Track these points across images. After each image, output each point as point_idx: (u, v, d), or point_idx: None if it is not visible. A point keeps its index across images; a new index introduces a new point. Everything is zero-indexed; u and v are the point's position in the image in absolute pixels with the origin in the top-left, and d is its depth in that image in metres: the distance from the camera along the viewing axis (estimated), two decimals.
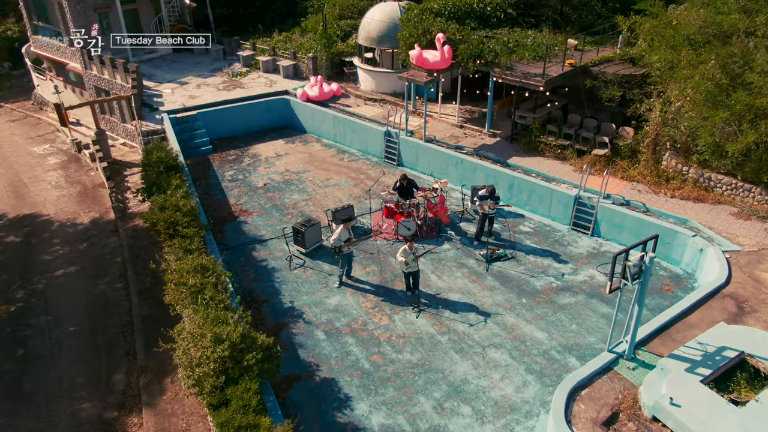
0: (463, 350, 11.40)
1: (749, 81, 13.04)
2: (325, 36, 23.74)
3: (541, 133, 17.73)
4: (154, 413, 10.24)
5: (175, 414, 10.18)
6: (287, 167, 19.27)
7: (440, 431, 9.70)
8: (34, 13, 28.09)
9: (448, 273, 13.75)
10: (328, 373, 10.92)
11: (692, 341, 9.98)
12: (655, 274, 13.56)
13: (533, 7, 22.30)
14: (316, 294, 13.13)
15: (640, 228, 14.06)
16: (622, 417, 8.98)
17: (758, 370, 9.41)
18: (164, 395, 10.64)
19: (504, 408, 10.11)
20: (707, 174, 14.94)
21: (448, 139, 18.64)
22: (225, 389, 8.29)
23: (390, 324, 12.16)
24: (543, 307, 12.54)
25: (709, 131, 13.60)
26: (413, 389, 10.52)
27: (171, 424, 9.98)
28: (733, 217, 14.05)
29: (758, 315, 10.87)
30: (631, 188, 15.48)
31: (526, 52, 17.82)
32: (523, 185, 16.07)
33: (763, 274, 11.99)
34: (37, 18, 28.03)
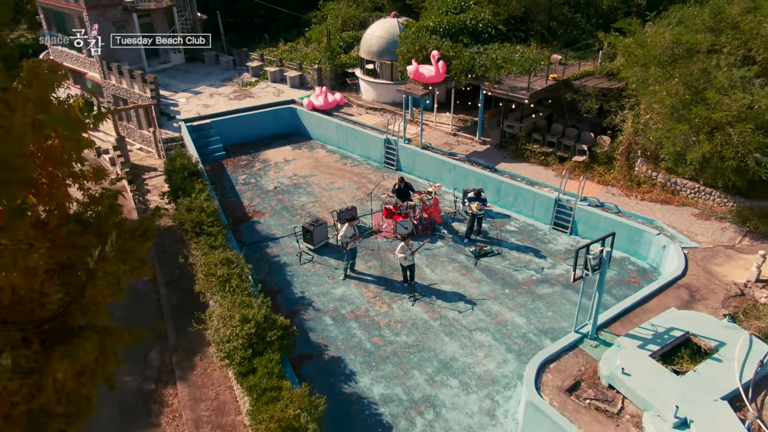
0: (453, 333, 13.12)
1: (707, 97, 14.75)
2: (329, 49, 25.48)
3: (526, 141, 19.46)
4: (187, 385, 11.96)
5: (205, 386, 11.90)
6: (295, 172, 20.99)
7: (432, 400, 11.42)
8: (53, 24, 29.79)
9: (441, 267, 15.48)
10: (335, 353, 12.64)
11: (646, 323, 11.71)
12: (624, 268, 15.31)
13: (522, 22, 24.02)
14: (323, 285, 14.86)
15: (612, 227, 15.71)
16: (583, 385, 10.69)
17: (700, 347, 11.13)
18: (194, 371, 12.36)
19: (486, 381, 11.84)
20: (673, 179, 16.67)
21: (443, 146, 20.38)
22: (252, 360, 10.01)
23: (389, 311, 13.89)
24: (523, 297, 14.26)
25: (671, 141, 15.33)
26: (409, 365, 12.24)
27: (202, 393, 11.70)
28: (695, 217, 15.78)
29: (707, 302, 12.59)
30: (606, 192, 17.21)
31: (513, 67, 19.55)
32: (509, 189, 17.79)
33: (715, 267, 13.72)
34: (57, 29, 29.72)
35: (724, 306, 12.42)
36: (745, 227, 15.10)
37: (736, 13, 15.94)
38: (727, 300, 12.63)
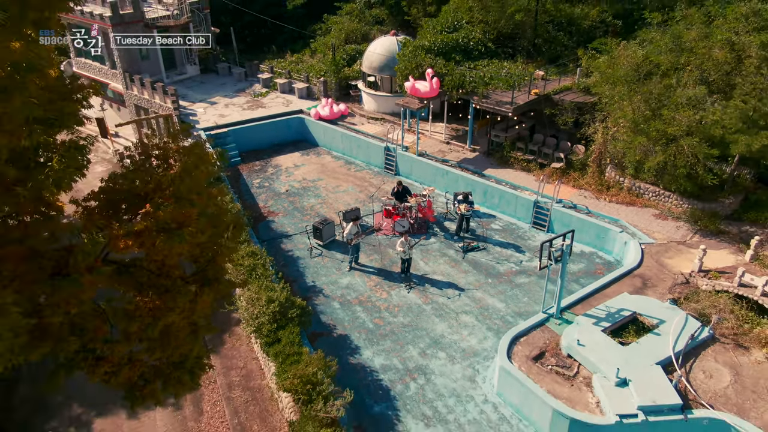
0: (442, 315, 15.47)
1: (663, 114, 17.07)
2: (334, 63, 27.81)
3: (511, 149, 21.80)
4: (219, 357, 14.29)
5: (234, 357, 14.24)
6: (304, 176, 23.33)
7: (423, 369, 13.77)
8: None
9: (433, 260, 17.83)
10: (343, 331, 14.98)
11: (601, 305, 14.06)
12: (592, 261, 17.65)
13: (510, 39, 26.31)
14: (331, 275, 17.21)
15: (583, 225, 18.12)
16: (547, 354, 13.04)
17: (644, 324, 13.48)
18: (225, 345, 14.69)
19: (469, 353, 14.18)
20: (638, 184, 19.01)
21: (437, 153, 22.72)
22: (276, 332, 12.36)
23: (388, 297, 16.23)
24: (503, 285, 16.60)
25: (633, 151, 17.66)
26: (404, 341, 14.59)
27: (232, 363, 14.05)
28: (654, 217, 18.12)
29: (656, 289, 14.93)
30: (579, 195, 19.55)
31: (500, 83, 21.87)
32: (494, 192, 20.13)
33: (666, 260, 16.05)
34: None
35: (670, 292, 14.77)
36: (696, 226, 17.43)
37: (692, 38, 18.27)
38: (674, 287, 14.98)
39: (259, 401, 12.88)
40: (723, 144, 16.33)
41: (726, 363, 12.50)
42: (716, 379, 12.11)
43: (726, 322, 13.39)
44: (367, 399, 12.94)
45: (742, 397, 11.70)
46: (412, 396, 13.05)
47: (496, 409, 12.75)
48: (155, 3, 32.23)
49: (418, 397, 13.02)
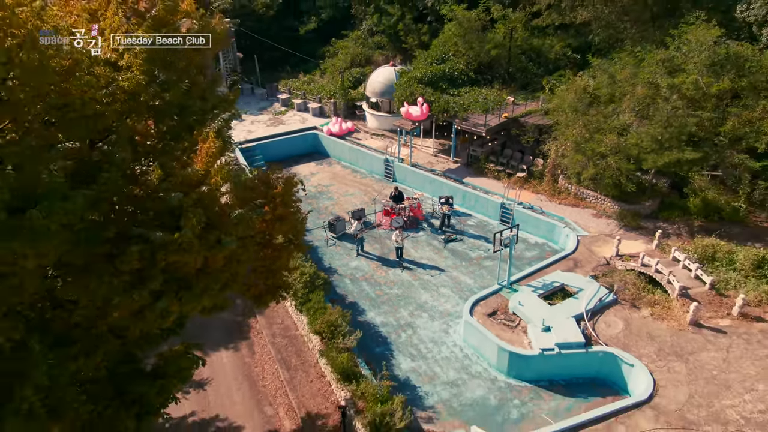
0: (426, 288, 20.82)
1: (596, 138, 22.39)
2: (342, 88, 33.20)
3: (485, 161, 27.15)
4: (263, 317, 19.65)
5: (274, 316, 19.60)
6: (319, 182, 28.69)
7: (411, 324, 19.11)
8: None
9: (421, 248, 23.19)
10: (352, 299, 20.32)
11: (540, 279, 19.42)
12: (543, 250, 22.98)
13: (489, 68, 31.67)
14: (343, 260, 22.56)
15: (537, 222, 23.45)
16: (498, 312, 18.37)
17: (568, 291, 18.83)
18: (267, 309, 20.03)
19: (444, 314, 19.53)
20: (581, 189, 24.35)
21: (426, 164, 28.09)
22: (308, 295, 17.73)
23: (386, 275, 21.59)
24: (473, 267, 21.95)
25: (574, 165, 23.00)
26: (397, 306, 19.94)
27: (273, 320, 19.41)
28: (592, 216, 23.47)
29: (583, 268, 20.26)
30: (537, 198, 24.89)
31: (477, 108, 27.20)
32: (470, 196, 25.48)
33: (595, 247, 21.39)
34: None
35: (593, 270, 20.11)
36: (622, 222, 22.75)
37: (624, 77, 23.59)
38: (596, 267, 20.32)
39: (294, 344, 18.27)
40: (639, 160, 21.67)
41: (621, 317, 17.86)
42: (612, 327, 17.48)
43: (627, 290, 18.76)
44: (371, 343, 18.29)
45: (628, 339, 17.05)
46: (403, 342, 18.40)
47: (461, 350, 18.10)
48: None
49: (407, 342, 18.38)
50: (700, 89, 21.24)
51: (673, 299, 18.26)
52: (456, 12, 30.13)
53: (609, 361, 16.56)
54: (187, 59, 8.91)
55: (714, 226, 21.89)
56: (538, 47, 31.49)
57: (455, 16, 30.19)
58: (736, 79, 21.24)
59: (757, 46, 23.05)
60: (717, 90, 20.95)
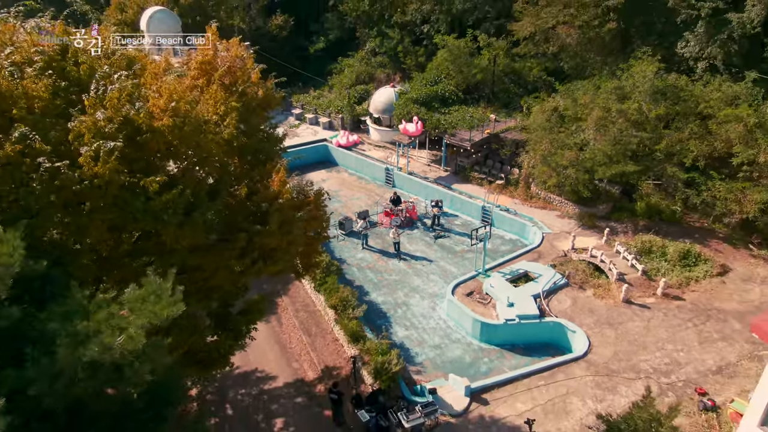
0: (418, 275, 25.73)
1: (559, 152, 27.24)
2: (349, 105, 38.12)
3: (471, 170, 32.04)
4: (287, 296, 24.56)
5: (296, 295, 24.51)
6: (329, 188, 33.41)
7: (406, 303, 24.01)
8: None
9: (415, 243, 28.09)
10: (359, 283, 25.21)
11: (508, 267, 24.33)
12: (515, 244, 27.85)
13: (476, 88, 36.56)
14: (351, 252, 27.47)
15: (512, 222, 28.35)
16: (474, 293, 23.27)
17: (530, 277, 23.73)
18: (290, 290, 24.96)
19: (432, 295, 24.43)
20: (550, 195, 29.22)
21: (420, 172, 32.99)
22: (324, 278, 22.66)
23: (386, 265, 26.51)
24: (458, 259, 26.85)
25: (541, 175, 27.89)
26: (395, 289, 24.85)
27: (295, 299, 24.33)
28: (557, 217, 28.35)
29: (545, 259, 25.14)
30: (512, 202, 29.78)
31: (463, 125, 32.08)
32: (457, 199, 30.38)
33: (556, 243, 26.27)
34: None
35: (552, 260, 24.98)
36: (581, 222, 27.62)
37: (584, 101, 28.43)
38: (556, 258, 25.20)
39: (313, 317, 23.20)
40: (592, 171, 26.53)
41: (570, 296, 22.75)
42: (562, 303, 22.37)
43: (577, 276, 23.63)
44: (374, 317, 23.17)
45: (574, 312, 21.93)
46: (399, 316, 23.30)
47: (444, 322, 22.98)
48: None
49: (402, 316, 23.28)
50: (642, 114, 26.12)
51: (612, 282, 23.16)
52: (447, 41, 35.03)
53: (558, 329, 21.43)
54: (258, 117, 13.77)
55: (654, 226, 26.75)
56: (519, 70, 36.35)
57: (446, 44, 35.09)
58: (671, 106, 26.11)
59: (693, 77, 27.91)
60: (655, 115, 25.81)
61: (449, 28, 38.92)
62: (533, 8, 31.69)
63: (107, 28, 13.38)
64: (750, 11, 24.78)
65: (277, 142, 14.45)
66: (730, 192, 23.81)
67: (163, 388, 8.74)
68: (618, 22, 29.60)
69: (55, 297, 8.17)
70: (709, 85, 26.14)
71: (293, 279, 25.07)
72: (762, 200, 22.83)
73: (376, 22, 44.70)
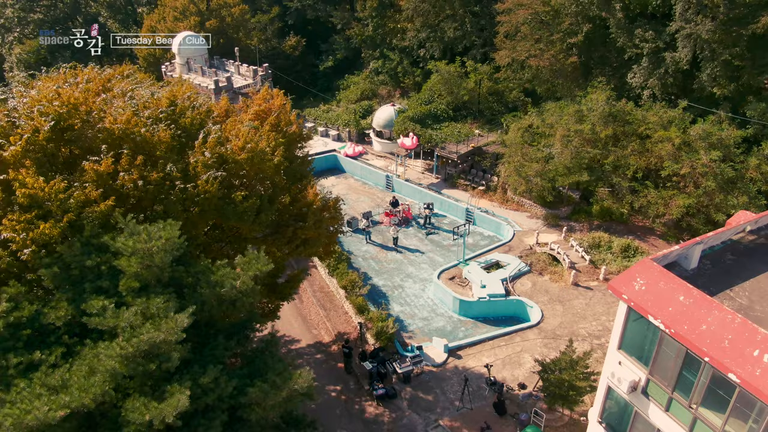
0: (412, 264, 31.76)
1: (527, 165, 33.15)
2: (355, 119, 44.14)
3: (458, 178, 38.03)
4: (307, 281, 30.55)
5: (313, 280, 30.54)
6: (338, 192, 39.50)
7: (401, 285, 30.04)
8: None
9: (410, 239, 34.12)
10: (363, 270, 31.21)
11: (483, 258, 30.34)
12: (492, 240, 33.84)
13: (464, 107, 42.52)
14: (357, 246, 33.51)
15: (490, 221, 34.35)
16: (455, 278, 29.28)
17: (501, 265, 29.74)
18: (309, 276, 30.98)
19: (423, 280, 30.46)
20: (522, 199, 35.18)
21: (415, 179, 39.01)
22: (336, 265, 28.70)
23: (386, 256, 32.55)
24: (445, 251, 32.85)
25: (514, 183, 33.88)
26: (393, 275, 30.88)
27: (313, 283, 30.35)
28: (527, 217, 34.34)
29: (515, 252, 31.12)
30: (492, 205, 35.76)
31: (452, 139, 38.04)
32: (445, 202, 36.38)
33: (524, 238, 32.24)
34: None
35: (520, 253, 30.96)
36: (546, 222, 33.59)
37: (550, 122, 34.38)
38: (523, 251, 31.18)
39: (328, 296, 29.24)
40: (554, 180, 32.47)
41: (531, 280, 28.75)
42: (524, 286, 28.37)
43: (538, 264, 29.61)
44: (375, 296, 29.16)
45: (533, 292, 27.91)
46: (396, 296, 29.30)
47: (432, 300, 28.97)
48: (235, 73, 48.65)
49: (398, 296, 29.28)
50: (595, 133, 32.06)
51: (565, 270, 29.15)
52: (439, 67, 41.01)
53: (519, 305, 27.43)
54: (295, 147, 19.80)
55: (606, 225, 32.71)
56: (501, 91, 42.30)
57: (438, 69, 41.07)
58: (618, 127, 32.05)
59: (640, 102, 33.83)
60: (605, 135, 31.76)
61: (442, 53, 44.91)
62: (510, 42, 37.63)
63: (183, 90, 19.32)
64: (681, 52, 30.69)
65: (307, 165, 20.39)
66: (660, 197, 29.75)
67: (249, 319, 14.81)
68: (579, 56, 35.53)
69: (190, 262, 14.22)
70: (650, 111, 32.06)
71: (311, 268, 31.19)
72: (684, 204, 28.76)
73: (378, 45, 50.71)
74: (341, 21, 53.67)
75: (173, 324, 11.00)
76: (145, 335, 10.88)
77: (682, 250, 15.94)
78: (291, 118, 20.38)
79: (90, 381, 11.03)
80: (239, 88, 45.88)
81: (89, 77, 17.38)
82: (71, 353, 12.23)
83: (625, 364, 15.92)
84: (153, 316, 11.60)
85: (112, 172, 14.47)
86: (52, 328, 12.59)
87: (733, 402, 13.18)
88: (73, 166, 15.30)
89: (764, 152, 28.93)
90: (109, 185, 14.39)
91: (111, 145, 15.09)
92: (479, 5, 43.45)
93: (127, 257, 12.22)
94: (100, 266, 12.84)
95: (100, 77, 17.34)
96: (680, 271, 16.10)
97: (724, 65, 30.14)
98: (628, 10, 33.56)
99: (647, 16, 33.77)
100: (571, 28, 34.77)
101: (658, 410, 15.22)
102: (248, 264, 13.32)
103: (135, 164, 14.60)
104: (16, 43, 62.02)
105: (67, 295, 12.62)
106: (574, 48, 35.43)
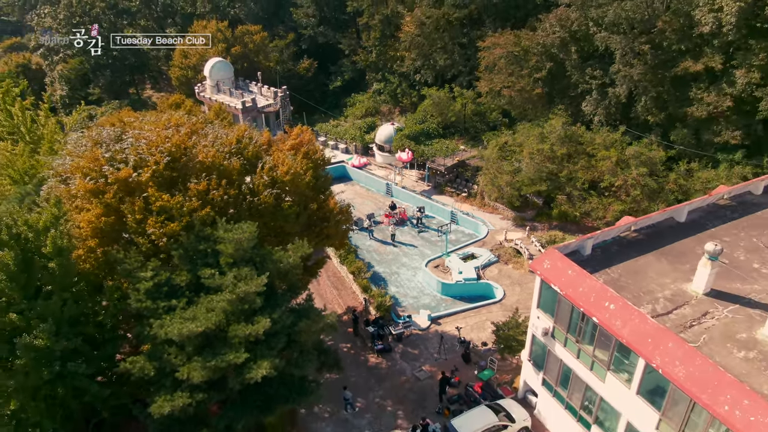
0: (407, 256, 39.87)
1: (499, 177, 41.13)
2: (360, 135, 52.24)
3: (445, 186, 46.09)
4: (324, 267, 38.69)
5: (328, 267, 38.67)
6: (345, 197, 47.65)
7: (396, 272, 38.15)
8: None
9: (405, 236, 42.20)
10: (367, 260, 39.31)
11: (462, 251, 38.44)
12: (471, 237, 41.91)
13: (452, 125, 50.53)
14: (362, 241, 41.62)
15: (470, 222, 42.41)
16: (439, 266, 37.37)
17: (475, 255, 37.83)
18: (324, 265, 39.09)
19: (414, 268, 38.55)
20: (496, 204, 43.21)
21: (410, 186, 47.10)
22: (346, 256, 36.85)
23: (385, 249, 40.67)
24: (433, 246, 40.91)
25: (489, 191, 41.91)
26: (391, 264, 39.00)
27: (328, 269, 38.48)
28: (500, 219, 42.41)
29: (487, 246, 39.17)
30: (472, 208, 43.80)
31: (441, 154, 46.07)
32: (435, 206, 44.44)
33: (497, 236, 40.29)
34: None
35: (491, 247, 39.01)
36: (514, 223, 41.62)
37: (520, 141, 42.37)
38: (494, 246, 39.24)
39: (339, 280, 37.40)
40: (520, 188, 40.46)
41: (498, 268, 36.82)
42: (492, 272, 36.44)
43: (504, 256, 37.67)
44: (377, 280, 37.23)
45: (498, 277, 35.97)
46: (392, 280, 37.39)
47: (420, 284, 37.04)
48: (258, 94, 56.75)
49: (394, 281, 37.35)
50: (553, 152, 40.06)
51: (525, 260, 37.22)
52: (431, 92, 49.08)
53: (488, 287, 35.50)
54: (320, 168, 27.92)
55: (562, 225, 40.71)
56: (483, 112, 50.29)
57: (431, 94, 49.13)
58: (571, 147, 40.05)
59: (592, 127, 41.81)
60: (561, 153, 39.75)
61: (434, 78, 52.97)
62: (489, 74, 45.67)
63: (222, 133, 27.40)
64: (619, 88, 38.68)
65: (328, 182, 28.49)
66: (601, 204, 37.77)
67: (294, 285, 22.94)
68: (543, 87, 43.52)
69: (258, 247, 22.33)
70: (597, 134, 40.05)
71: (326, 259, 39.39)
72: (618, 209, 36.75)
73: (380, 69, 58.81)
74: (348, 47, 61.77)
75: (258, 281, 19.10)
76: (242, 287, 18.97)
77: (579, 243, 24.00)
78: (317, 147, 28.49)
79: (209, 315, 19.15)
80: (263, 107, 54.06)
81: (179, 122, 25.53)
82: (191, 302, 20.37)
83: (542, 318, 24.04)
84: (243, 278, 19.71)
85: (206, 190, 22.62)
86: (179, 288, 20.74)
87: (597, 336, 21.25)
88: (176, 185, 23.46)
89: (681, 169, 36.93)
90: (204, 198, 22.53)
91: (203, 172, 23.26)
92: (467, 37, 51.44)
93: (225, 244, 20.34)
94: (207, 250, 20.98)
95: (190, 122, 25.49)
96: (578, 257, 24.11)
97: (653, 99, 38.14)
98: (582, 51, 41.55)
99: (596, 57, 41.78)
100: (537, 65, 42.78)
101: (560, 347, 23.32)
102: (296, 249, 21.45)
103: (221, 185, 22.74)
104: (61, 62, 70.24)
105: (187, 267, 20.78)
106: (540, 81, 43.41)
